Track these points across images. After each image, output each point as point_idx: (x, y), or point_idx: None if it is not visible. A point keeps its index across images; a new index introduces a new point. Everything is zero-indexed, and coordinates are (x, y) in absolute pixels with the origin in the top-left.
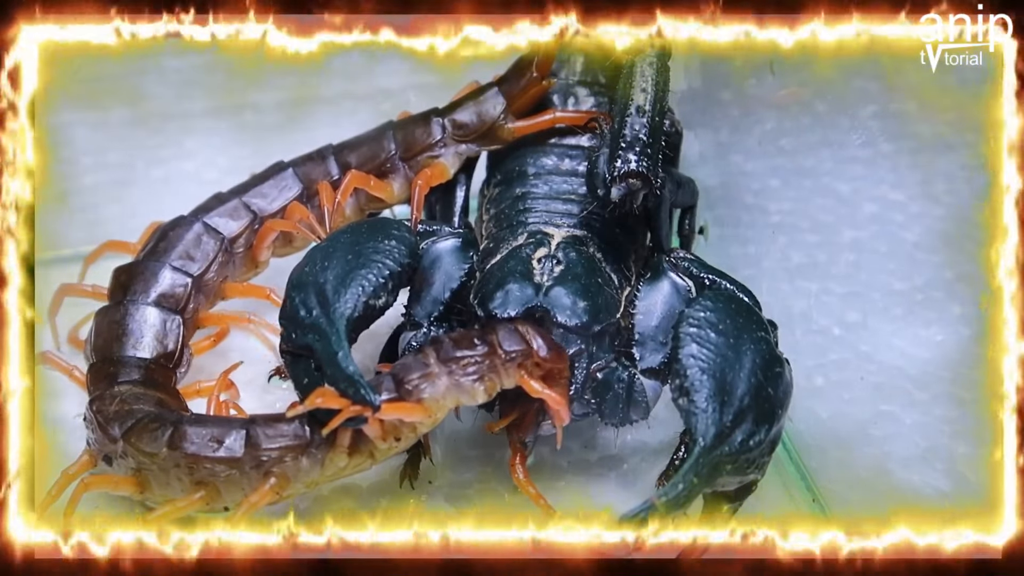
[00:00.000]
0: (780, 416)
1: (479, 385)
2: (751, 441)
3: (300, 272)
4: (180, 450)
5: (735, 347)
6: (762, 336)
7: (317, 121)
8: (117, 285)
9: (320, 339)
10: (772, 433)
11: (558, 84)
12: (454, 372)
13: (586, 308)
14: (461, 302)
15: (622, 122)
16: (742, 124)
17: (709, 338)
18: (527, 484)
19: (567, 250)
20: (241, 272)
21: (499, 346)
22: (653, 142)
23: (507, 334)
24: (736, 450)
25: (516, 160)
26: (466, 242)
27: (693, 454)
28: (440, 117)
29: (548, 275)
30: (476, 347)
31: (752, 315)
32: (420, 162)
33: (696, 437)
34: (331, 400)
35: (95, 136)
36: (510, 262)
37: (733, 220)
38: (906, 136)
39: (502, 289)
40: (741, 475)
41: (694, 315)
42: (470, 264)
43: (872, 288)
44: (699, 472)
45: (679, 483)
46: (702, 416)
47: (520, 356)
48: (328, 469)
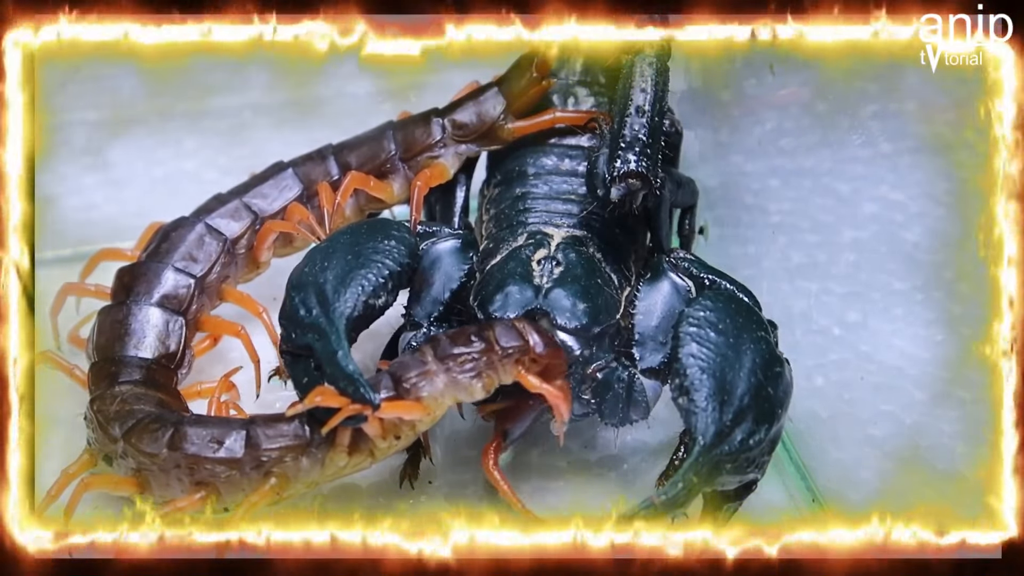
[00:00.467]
0: (780, 415)
1: (477, 382)
2: (751, 440)
3: (300, 272)
4: (180, 451)
5: (735, 347)
6: (762, 336)
7: (317, 121)
8: (120, 285)
9: (320, 338)
10: (772, 432)
11: (558, 84)
12: (451, 369)
13: (586, 310)
14: (461, 303)
15: (621, 122)
16: (742, 124)
17: (709, 337)
18: (494, 472)
19: (567, 251)
20: (243, 273)
21: (496, 342)
22: (653, 142)
23: (504, 330)
24: (736, 449)
25: (516, 160)
26: (466, 243)
27: (693, 453)
28: (440, 117)
29: (548, 277)
30: (473, 344)
31: (752, 315)
32: (420, 162)
33: (696, 436)
34: (330, 399)
35: (95, 136)
36: (510, 263)
37: (733, 220)
38: (906, 136)
39: (502, 291)
40: (741, 474)
41: (694, 315)
42: (470, 265)
43: (872, 288)
44: (699, 471)
45: (679, 482)
46: (702, 415)
47: (517, 352)
48: (328, 468)
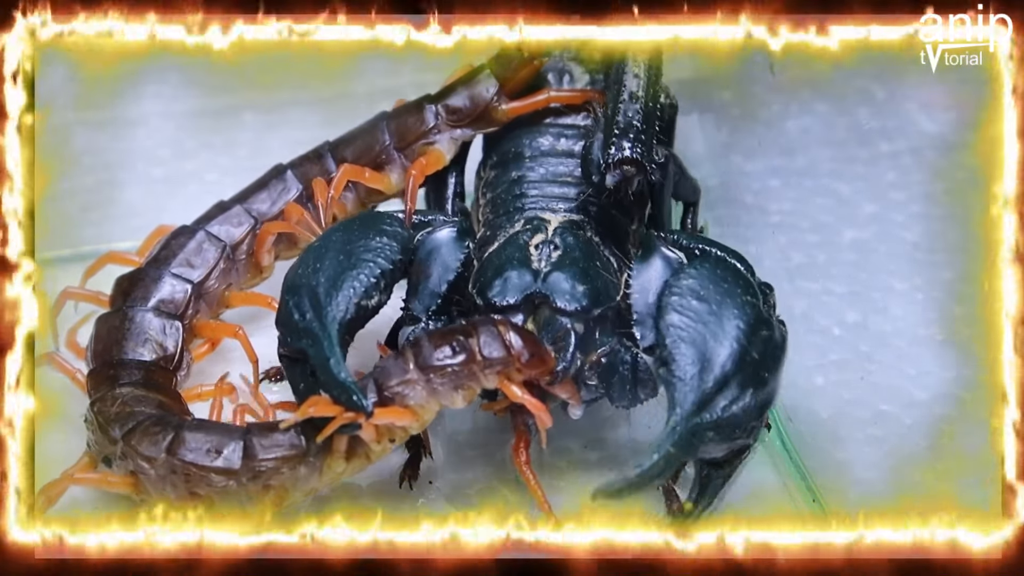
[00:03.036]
0: (768, 379)
1: (457, 392)
2: (735, 407)
3: (294, 274)
4: (178, 456)
5: (717, 313)
6: (747, 300)
7: (317, 121)
8: (118, 292)
9: (313, 344)
10: (760, 397)
11: (552, 62)
12: (431, 380)
13: (585, 292)
14: (459, 292)
15: (615, 108)
16: (742, 124)
17: (690, 305)
18: (527, 470)
19: (564, 235)
20: (246, 279)
21: (479, 353)
22: (647, 127)
23: (488, 339)
24: (719, 417)
25: (511, 141)
26: (461, 231)
27: (669, 423)
28: (433, 104)
29: (546, 261)
30: (456, 355)
31: (739, 278)
32: (416, 150)
33: (674, 406)
34: (324, 408)
35: (95, 136)
36: (508, 249)
37: (733, 220)
38: (906, 136)
39: (501, 277)
40: (728, 442)
41: (676, 283)
42: (466, 254)
43: (872, 288)
44: (676, 441)
45: (654, 453)
46: (679, 385)
47: (500, 363)
48: (326, 475)
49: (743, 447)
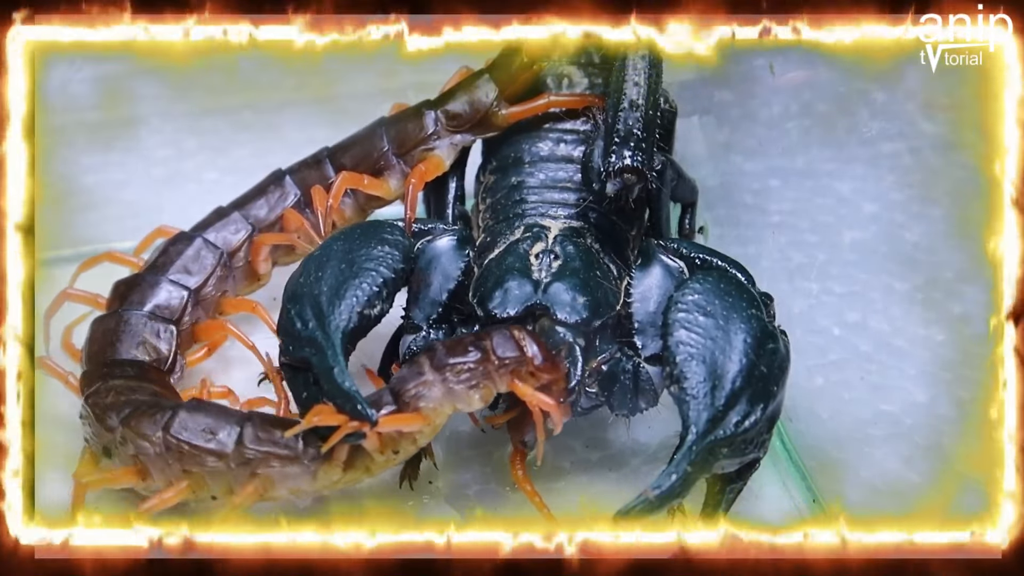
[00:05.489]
0: (776, 392)
1: (474, 392)
2: (747, 422)
3: (295, 283)
4: (173, 434)
5: (724, 328)
6: (753, 313)
7: (317, 122)
8: (115, 296)
9: (316, 353)
10: (769, 411)
11: (551, 66)
12: (448, 379)
13: (586, 303)
14: (460, 301)
15: (615, 117)
16: (742, 124)
17: (697, 322)
18: (524, 482)
19: (564, 244)
20: (243, 286)
21: (492, 352)
22: (647, 136)
23: (501, 340)
24: (732, 433)
25: (511, 146)
26: (461, 239)
27: (686, 442)
28: (432, 109)
29: (546, 271)
30: (469, 353)
31: (743, 292)
32: (415, 156)
33: (688, 424)
34: (329, 417)
35: (96, 136)
36: (508, 258)
37: (733, 220)
38: (906, 136)
39: (501, 288)
40: (740, 456)
41: (682, 299)
42: (467, 262)
43: (872, 288)
44: (693, 460)
45: (672, 472)
46: (693, 403)
47: (514, 363)
48: (320, 481)
49: (754, 460)
